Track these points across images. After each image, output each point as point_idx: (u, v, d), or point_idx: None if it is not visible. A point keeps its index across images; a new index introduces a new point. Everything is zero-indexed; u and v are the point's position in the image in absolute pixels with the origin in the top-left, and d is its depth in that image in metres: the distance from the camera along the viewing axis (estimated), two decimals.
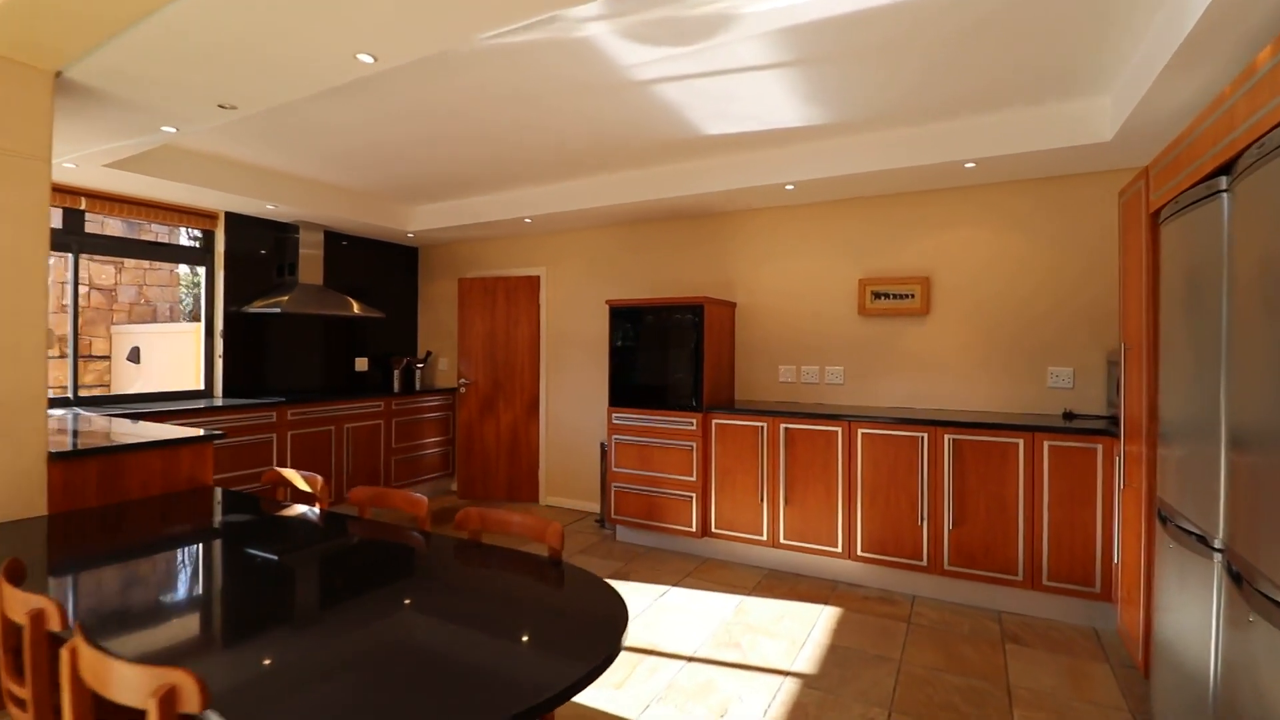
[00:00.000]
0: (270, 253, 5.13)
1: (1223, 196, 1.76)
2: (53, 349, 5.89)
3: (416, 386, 5.97)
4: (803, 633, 3.08)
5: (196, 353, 4.90)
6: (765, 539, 3.94)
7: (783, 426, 3.88)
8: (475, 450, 5.76)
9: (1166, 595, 2.18)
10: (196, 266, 4.97)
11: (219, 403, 4.43)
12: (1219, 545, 1.74)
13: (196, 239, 4.95)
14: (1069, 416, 3.53)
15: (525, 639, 1.35)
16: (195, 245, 4.91)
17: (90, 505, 2.42)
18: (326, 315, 5.33)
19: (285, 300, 4.76)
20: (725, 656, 2.84)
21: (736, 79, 2.90)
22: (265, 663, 1.23)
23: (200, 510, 2.38)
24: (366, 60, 2.25)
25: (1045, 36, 2.54)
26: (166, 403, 4.35)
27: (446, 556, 1.88)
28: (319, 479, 2.51)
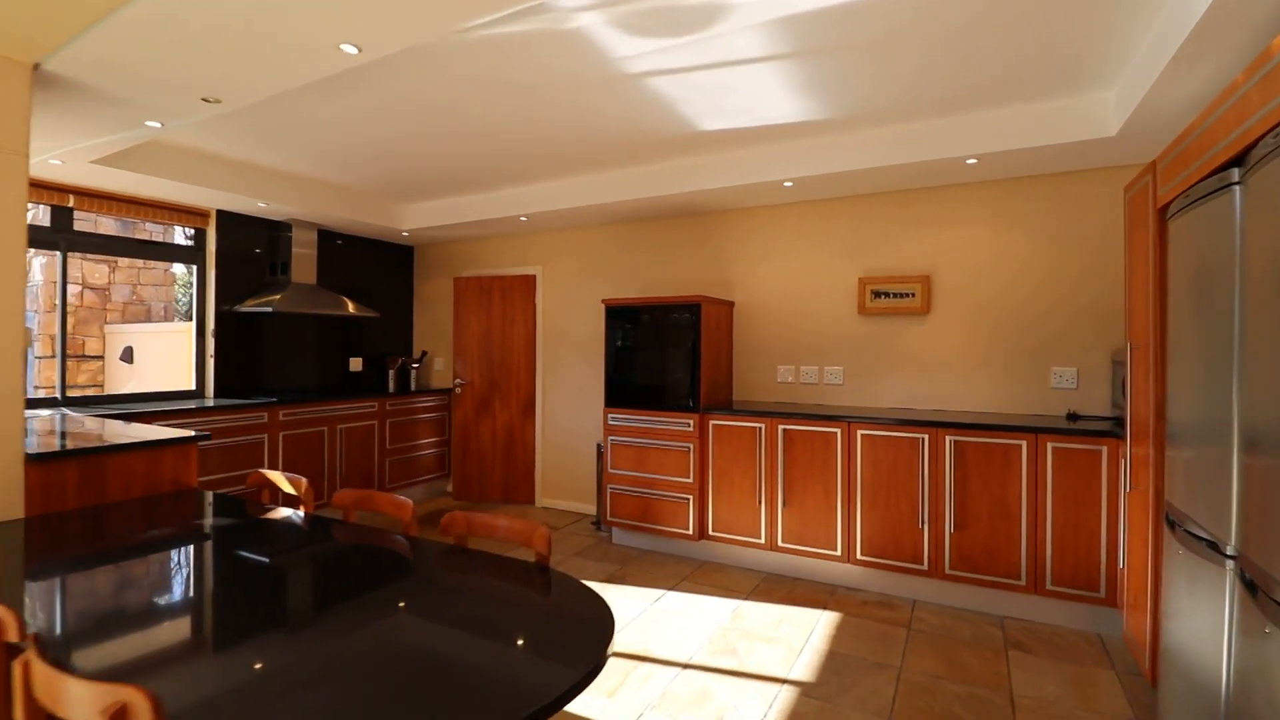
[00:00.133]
0: (263, 252, 5.07)
1: (1235, 189, 1.69)
2: (32, 346, 5.83)
3: (412, 387, 5.91)
4: (801, 639, 3.01)
5: (190, 353, 4.84)
6: (763, 542, 3.88)
7: (781, 427, 3.82)
8: (471, 451, 5.70)
9: (1175, 602, 2.11)
10: (188, 265, 4.92)
11: (210, 403, 4.37)
12: (1231, 552, 1.67)
13: (191, 237, 4.89)
14: (1073, 417, 3.46)
15: (505, 652, 1.29)
16: (188, 244, 4.85)
17: (69, 508, 2.36)
18: (320, 315, 5.27)
19: (277, 299, 4.70)
20: (721, 663, 2.78)
21: (732, 72, 2.84)
22: (235, 675, 1.17)
23: (180, 514, 2.32)
24: (350, 51, 2.19)
25: (1048, 28, 2.48)
26: (157, 403, 4.29)
27: (429, 563, 1.82)
28: (303, 481, 2.45)
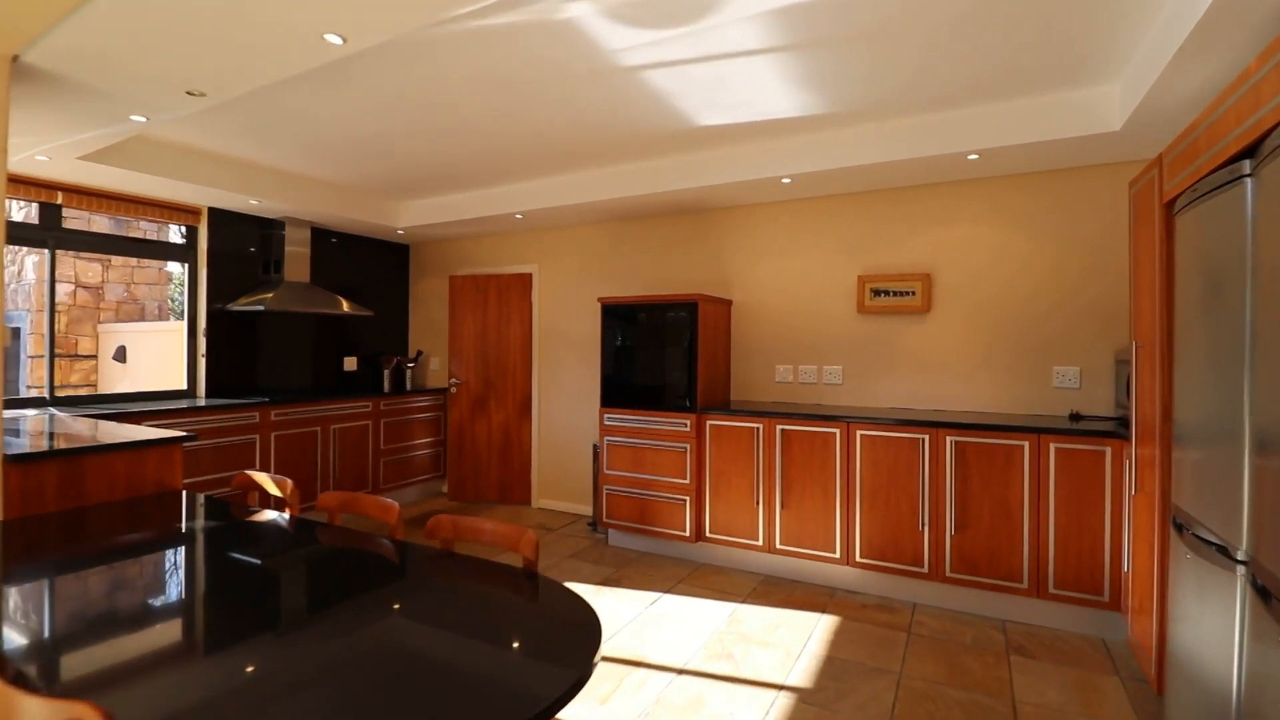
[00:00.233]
0: (255, 250, 5.01)
1: (1246, 181, 1.64)
2: (23, 345, 5.78)
3: (407, 386, 5.85)
4: (798, 643, 2.95)
5: (182, 352, 4.78)
6: (761, 544, 3.82)
7: (779, 428, 3.76)
8: (466, 451, 5.64)
9: (1183, 607, 2.05)
10: (179, 263, 4.86)
11: (201, 403, 4.32)
12: (1242, 557, 1.61)
13: (183, 235, 4.83)
14: (1076, 418, 3.40)
15: (486, 664, 1.23)
16: (180, 242, 4.79)
17: (49, 510, 2.30)
18: (313, 314, 5.21)
19: (270, 298, 4.65)
20: (717, 669, 2.72)
21: (727, 65, 2.78)
22: (209, 684, 1.11)
23: (161, 517, 2.26)
24: (335, 41, 2.13)
25: (1051, 18, 2.41)
26: (147, 403, 4.24)
27: (412, 568, 1.76)
28: (289, 483, 2.39)
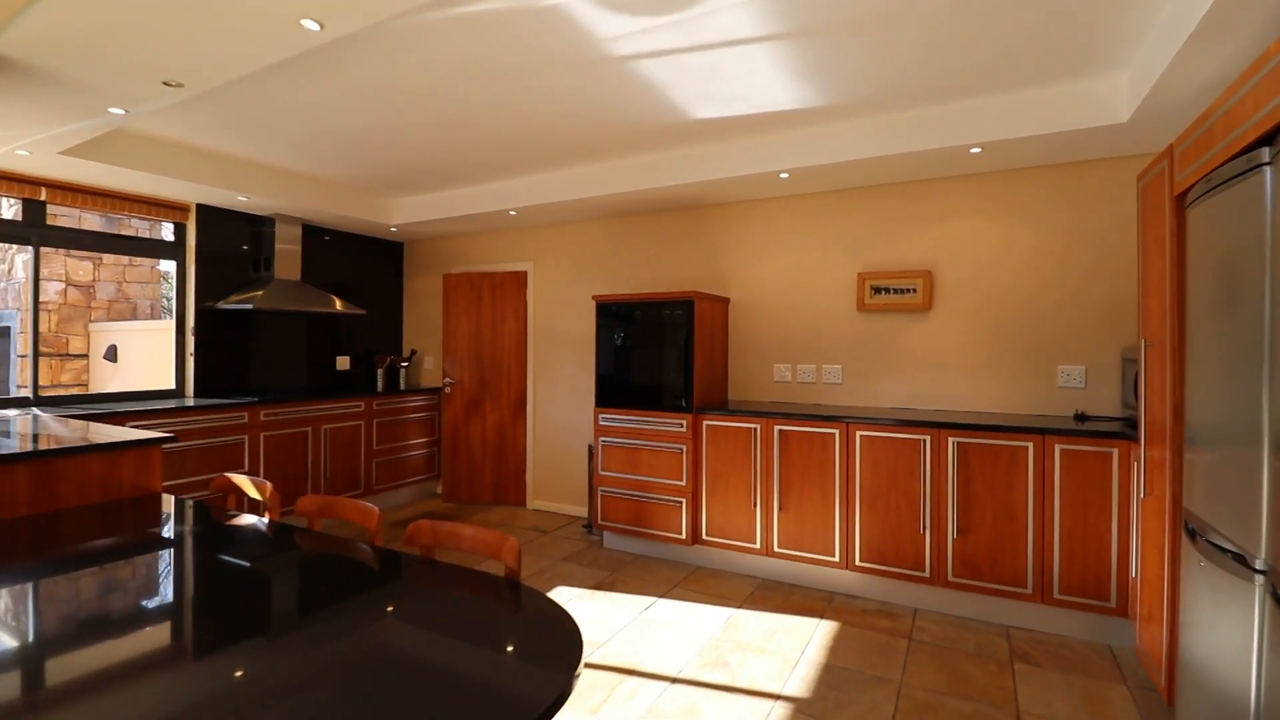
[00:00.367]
0: (246, 247, 4.93)
1: (1265, 170, 1.55)
2: (13, 344, 5.70)
3: (401, 386, 5.78)
4: (796, 650, 2.87)
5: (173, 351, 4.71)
6: (758, 547, 3.74)
7: (777, 428, 3.68)
8: (461, 452, 5.56)
9: (1195, 614, 1.97)
10: (168, 261, 4.78)
11: (190, 403, 4.24)
12: (1261, 566, 1.53)
13: (171, 233, 4.75)
14: (1081, 418, 3.32)
15: (457, 684, 1.15)
16: (168, 239, 4.71)
17: (20, 514, 2.22)
18: (305, 312, 5.14)
19: (259, 296, 4.57)
20: (712, 678, 2.63)
21: (721, 54, 2.69)
22: (162, 701, 1.03)
23: (134, 522, 2.18)
24: (312, 27, 2.05)
25: (1055, 3, 2.33)
26: (134, 403, 4.16)
27: (386, 579, 1.68)
28: (268, 486, 2.31)
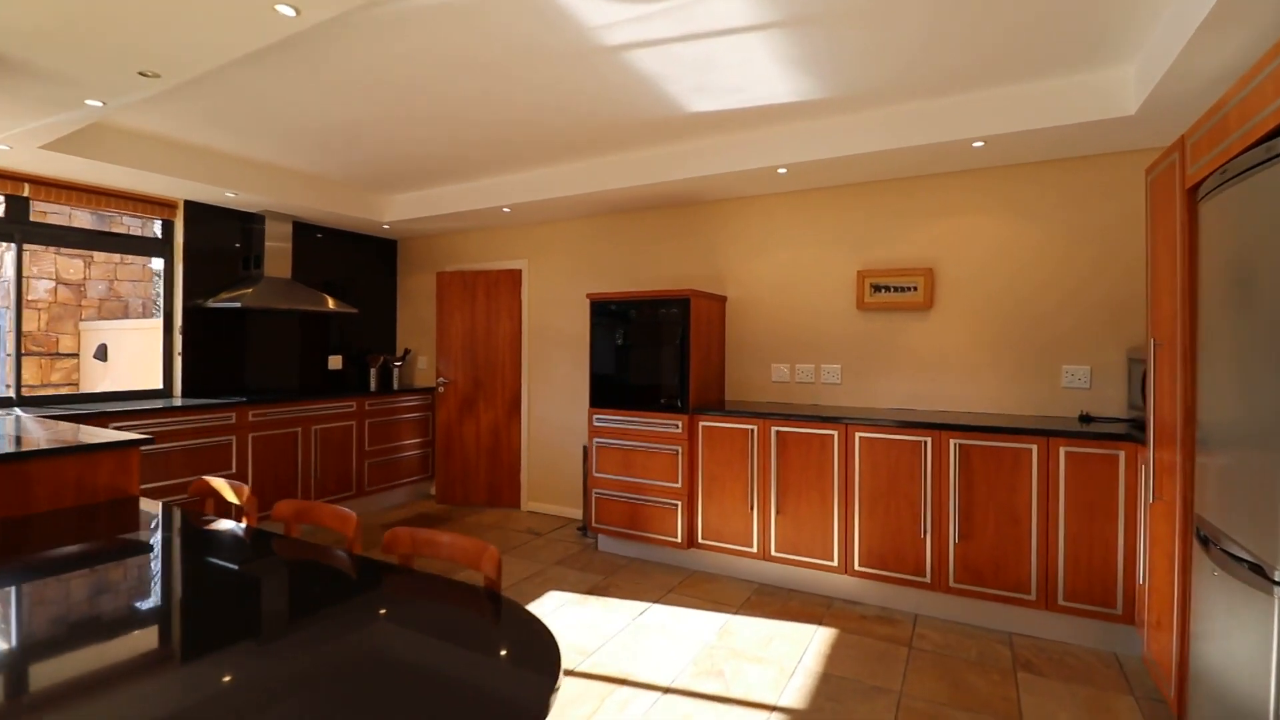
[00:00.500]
0: (236, 245, 4.85)
1: None
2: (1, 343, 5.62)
3: (395, 386, 5.70)
4: (793, 659, 2.79)
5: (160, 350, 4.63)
6: (755, 551, 3.66)
7: (774, 429, 3.59)
8: (454, 453, 5.48)
9: (1208, 625, 1.89)
10: (155, 259, 4.70)
11: (178, 403, 4.16)
12: None
13: (159, 230, 4.67)
14: (1086, 419, 3.23)
15: (420, 711, 1.07)
16: (155, 236, 4.64)
17: None
18: (296, 311, 5.05)
19: (248, 294, 4.49)
20: (706, 688, 2.55)
21: (716, 43, 2.61)
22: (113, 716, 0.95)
23: (107, 527, 2.10)
24: (287, 13, 1.97)
25: None
26: (121, 402, 4.08)
27: (360, 590, 1.60)
28: (245, 489, 2.24)
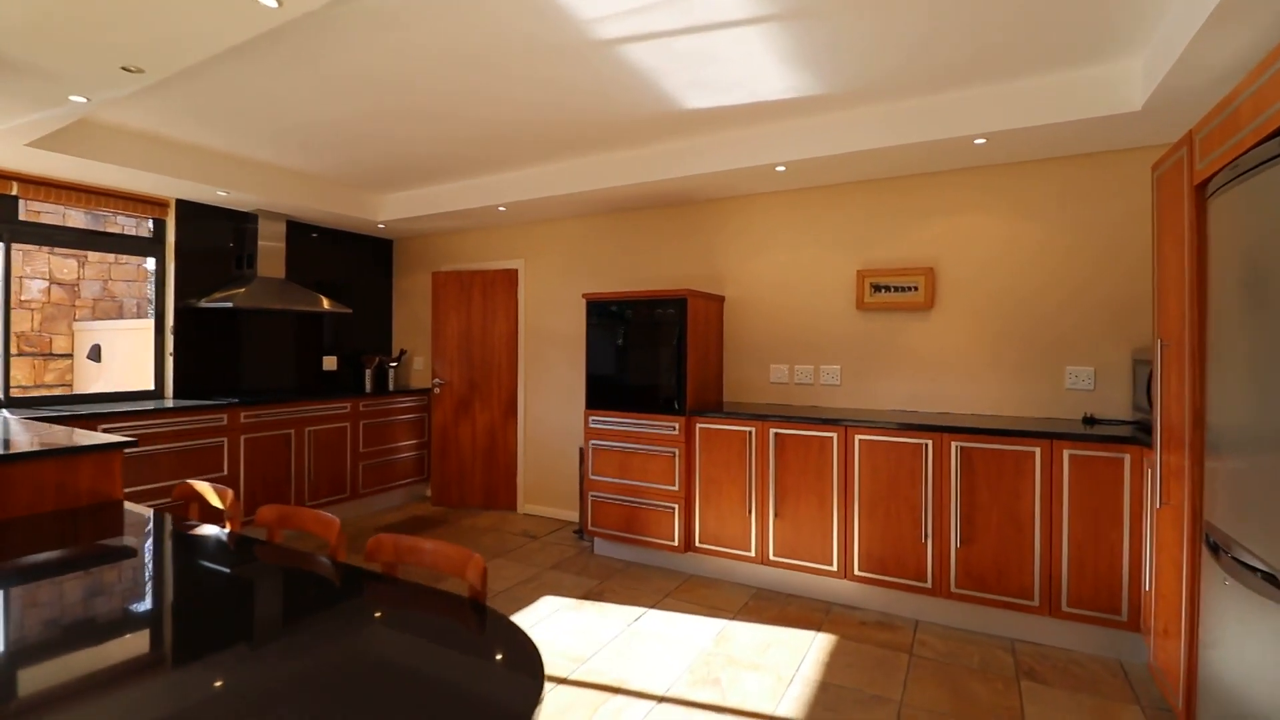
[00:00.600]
0: (229, 244, 4.80)
1: None
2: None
3: (390, 387, 5.64)
4: (791, 666, 2.73)
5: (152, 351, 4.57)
6: (753, 555, 3.60)
7: (773, 431, 3.54)
8: (450, 454, 5.42)
9: (1218, 634, 1.83)
10: (148, 258, 4.65)
11: (169, 404, 4.11)
12: None
13: (151, 229, 4.62)
14: (1090, 421, 3.18)
15: None
16: (147, 235, 4.58)
17: None
18: (290, 311, 5.00)
19: (241, 294, 4.43)
20: (701, 696, 2.50)
21: (713, 37, 2.56)
22: None
23: (87, 533, 2.04)
24: (270, 4, 1.91)
25: None
26: (112, 404, 4.03)
27: (339, 599, 1.54)
28: (229, 493, 2.18)
